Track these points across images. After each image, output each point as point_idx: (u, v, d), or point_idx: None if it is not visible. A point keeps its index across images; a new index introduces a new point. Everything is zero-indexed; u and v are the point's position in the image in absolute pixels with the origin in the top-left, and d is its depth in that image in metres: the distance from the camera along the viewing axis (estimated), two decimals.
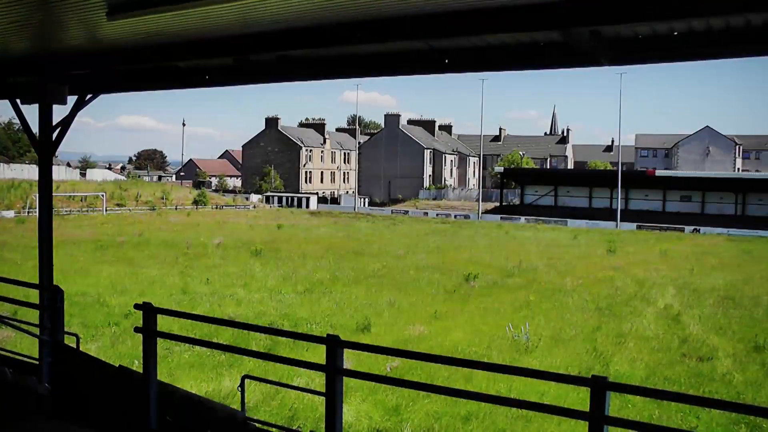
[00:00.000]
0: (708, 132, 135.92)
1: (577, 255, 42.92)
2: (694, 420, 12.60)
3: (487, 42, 7.86)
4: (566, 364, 16.03)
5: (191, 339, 13.56)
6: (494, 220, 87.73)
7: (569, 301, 24.36)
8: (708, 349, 18.30)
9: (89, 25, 7.57)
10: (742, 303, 25.98)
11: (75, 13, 7.09)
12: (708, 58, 7.61)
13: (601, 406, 6.09)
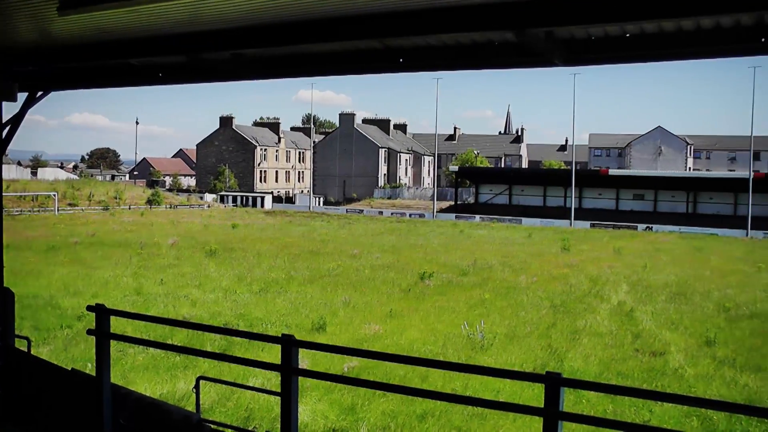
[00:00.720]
0: (660, 132, 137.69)
1: (531, 253, 43.22)
2: (647, 414, 12.76)
3: (442, 41, 7.88)
4: (521, 361, 16.13)
5: (145, 341, 13.44)
6: (449, 219, 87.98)
7: (524, 299, 24.51)
8: (660, 344, 18.54)
9: (40, 20, 7.45)
10: (694, 299, 26.38)
11: (25, 8, 6.98)
12: (659, 60, 7.72)
13: (555, 402, 6.14)
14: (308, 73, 9.87)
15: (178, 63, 9.47)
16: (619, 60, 7.77)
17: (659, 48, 7.25)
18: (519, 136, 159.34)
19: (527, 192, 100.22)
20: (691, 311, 23.67)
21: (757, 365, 16.94)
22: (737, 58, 8.43)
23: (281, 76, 9.94)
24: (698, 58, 7.56)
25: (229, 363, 13.61)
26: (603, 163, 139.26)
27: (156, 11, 6.98)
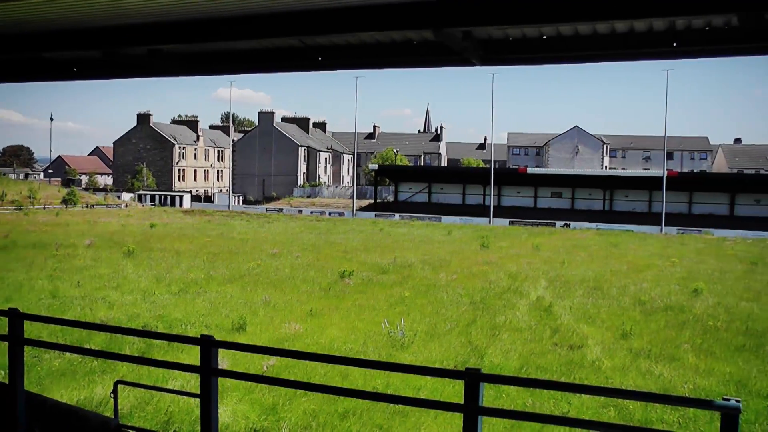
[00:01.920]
0: (577, 131, 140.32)
1: (451, 250, 43.51)
2: (566, 406, 12.93)
3: (361, 40, 7.89)
4: (442, 358, 16.21)
5: (61, 345, 13.11)
6: (369, 217, 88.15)
7: (444, 296, 24.65)
8: (578, 338, 18.84)
9: None
10: (610, 293, 26.90)
11: None
12: (575, 62, 7.85)
13: (475, 397, 6.19)
14: (227, 70, 9.80)
15: (93, 58, 9.28)
16: (536, 61, 7.89)
17: (575, 50, 7.38)
18: (438, 134, 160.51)
19: (447, 190, 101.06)
20: (608, 305, 24.13)
21: (671, 355, 17.38)
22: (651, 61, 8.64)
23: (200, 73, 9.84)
24: (613, 61, 7.73)
25: (148, 366, 13.43)
26: (521, 162, 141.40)
27: (70, 3, 6.83)
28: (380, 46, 7.98)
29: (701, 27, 6.94)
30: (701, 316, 22.66)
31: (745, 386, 15.08)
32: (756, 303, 25.95)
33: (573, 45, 7.35)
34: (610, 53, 7.43)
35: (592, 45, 7.31)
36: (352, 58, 8.26)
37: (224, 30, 7.34)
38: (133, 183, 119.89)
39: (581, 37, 7.32)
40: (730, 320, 22.14)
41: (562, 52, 7.47)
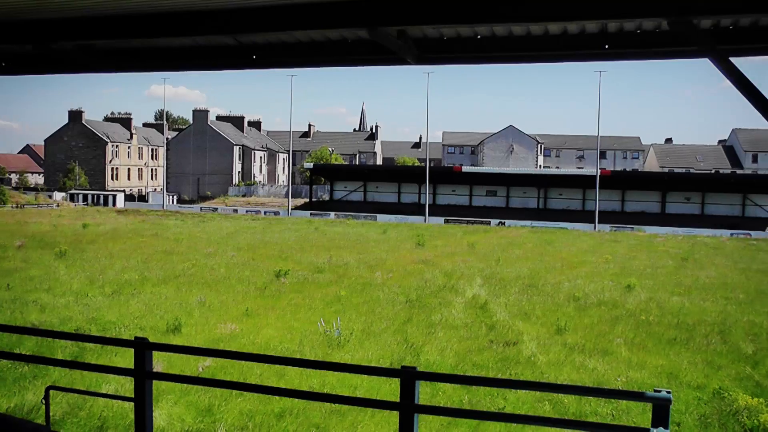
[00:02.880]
0: (512, 131, 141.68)
1: (386, 249, 43.59)
2: (502, 401, 13.05)
3: (295, 38, 7.86)
4: (378, 356, 16.23)
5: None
6: (304, 216, 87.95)
7: (380, 295, 24.68)
8: (514, 335, 19.03)
9: None
10: (545, 290, 27.24)
11: None
12: (509, 62, 7.92)
13: (411, 395, 6.21)
14: (161, 67, 9.64)
15: (23, 52, 9.09)
16: (471, 60, 7.93)
17: (509, 50, 7.45)
18: (373, 133, 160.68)
19: (382, 189, 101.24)
20: (543, 302, 24.42)
21: (604, 349, 17.68)
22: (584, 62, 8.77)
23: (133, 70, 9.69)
24: (546, 62, 7.82)
25: (81, 370, 13.19)
26: (456, 161, 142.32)
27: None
28: (315, 45, 7.96)
29: (632, 30, 7.06)
30: (634, 310, 23.10)
31: (676, 378, 15.45)
32: (686, 297, 26.56)
33: (507, 45, 7.42)
34: (544, 54, 7.52)
35: (526, 46, 7.38)
36: (287, 57, 8.22)
37: (157, 26, 7.25)
38: (65, 182, 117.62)
39: (515, 37, 7.39)
40: (661, 314, 22.61)
41: (496, 52, 7.53)
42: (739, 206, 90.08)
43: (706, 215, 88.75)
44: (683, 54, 7.37)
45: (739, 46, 6.94)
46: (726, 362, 17.10)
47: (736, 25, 6.84)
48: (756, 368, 16.66)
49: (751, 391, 14.31)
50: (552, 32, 7.21)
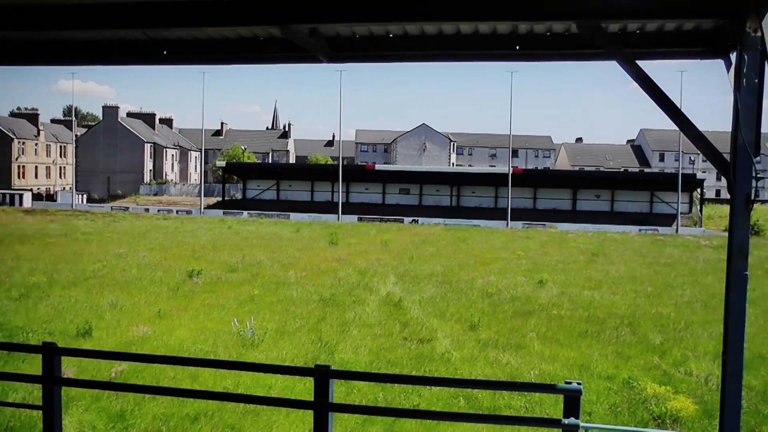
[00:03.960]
0: (424, 129, 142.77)
1: (300, 248, 43.45)
2: (416, 398, 13.11)
3: (207, 35, 7.77)
4: (292, 355, 16.17)
5: None
6: (217, 215, 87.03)
7: (294, 294, 24.58)
8: (428, 332, 19.16)
9: None
10: (459, 286, 27.51)
11: None
12: (421, 61, 7.97)
13: (325, 394, 6.22)
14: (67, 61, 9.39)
15: None
16: (383, 59, 7.94)
17: (422, 49, 7.48)
18: (286, 131, 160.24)
19: (295, 187, 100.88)
20: (457, 298, 24.65)
21: (517, 344, 17.96)
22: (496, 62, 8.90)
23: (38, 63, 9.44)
24: (458, 61, 7.87)
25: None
26: (369, 159, 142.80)
27: None
28: (227, 42, 7.88)
29: (543, 32, 7.17)
30: (546, 305, 23.52)
31: (587, 369, 15.82)
32: (597, 291, 27.17)
33: (419, 44, 7.45)
34: (456, 53, 7.57)
35: (438, 45, 7.43)
36: (198, 53, 8.11)
37: (64, 18, 7.06)
38: None
39: (427, 36, 7.42)
40: (573, 308, 23.08)
41: (408, 50, 7.56)
42: (647, 203, 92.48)
43: (616, 212, 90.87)
44: (592, 56, 7.52)
45: (645, 50, 7.11)
46: (635, 353, 17.58)
47: (642, 30, 7.00)
48: (663, 358, 17.21)
49: (659, 380, 14.83)
50: (464, 32, 7.27)
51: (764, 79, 5.76)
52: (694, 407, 12.82)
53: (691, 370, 16.12)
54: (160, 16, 6.81)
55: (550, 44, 7.23)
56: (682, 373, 15.98)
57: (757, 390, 14.65)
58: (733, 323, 6.20)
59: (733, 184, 6.06)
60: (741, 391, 6.33)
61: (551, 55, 7.46)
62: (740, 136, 5.91)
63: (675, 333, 20.07)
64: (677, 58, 7.75)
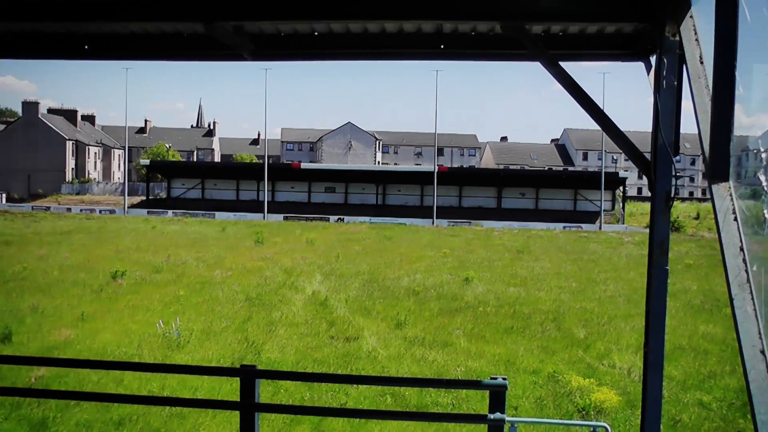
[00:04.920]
0: (350, 127, 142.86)
1: (225, 247, 43.13)
2: (343, 397, 13.12)
3: (130, 30, 7.64)
4: (219, 356, 16.05)
5: None
6: (141, 215, 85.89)
7: (219, 294, 24.40)
8: (354, 330, 19.21)
9: None
10: (385, 285, 27.61)
11: None
12: (347, 59, 7.95)
13: (251, 394, 6.18)
14: None
15: None
16: (308, 57, 7.90)
17: (347, 47, 7.47)
18: (211, 129, 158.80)
19: (220, 186, 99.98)
20: (383, 297, 24.75)
21: (443, 341, 18.11)
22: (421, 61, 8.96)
23: None
24: (383, 59, 7.88)
25: None
26: (295, 157, 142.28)
27: None
28: (150, 38, 7.75)
29: (467, 32, 7.21)
30: (472, 302, 23.75)
31: (513, 364, 16.04)
32: (522, 288, 27.54)
33: (344, 42, 7.44)
34: (381, 52, 7.58)
35: (364, 43, 7.42)
36: (120, 49, 7.96)
37: None
38: None
39: (353, 35, 7.42)
40: (499, 305, 23.36)
41: (333, 49, 7.54)
42: (571, 201, 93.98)
43: (540, 210, 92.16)
44: (516, 57, 7.60)
45: (568, 52, 7.21)
46: (560, 347, 17.90)
47: (565, 32, 7.10)
48: (587, 351, 17.56)
49: (583, 373, 15.13)
50: (389, 30, 7.28)
51: (683, 82, 5.90)
52: (617, 398, 13.13)
53: (614, 362, 16.50)
54: (81, 9, 6.67)
55: (475, 44, 7.27)
56: (605, 365, 16.34)
57: (678, 380, 15.14)
58: (654, 316, 6.33)
59: (654, 183, 6.19)
60: (662, 382, 6.48)
61: (476, 54, 7.51)
62: (660, 136, 6.04)
63: (598, 327, 20.48)
64: (599, 60, 7.89)
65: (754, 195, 4.18)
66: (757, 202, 4.06)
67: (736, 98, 4.55)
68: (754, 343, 3.80)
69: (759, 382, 3.60)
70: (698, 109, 5.09)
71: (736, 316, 3.94)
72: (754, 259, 4.14)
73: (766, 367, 3.65)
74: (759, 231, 4.08)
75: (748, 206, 4.39)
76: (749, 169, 4.36)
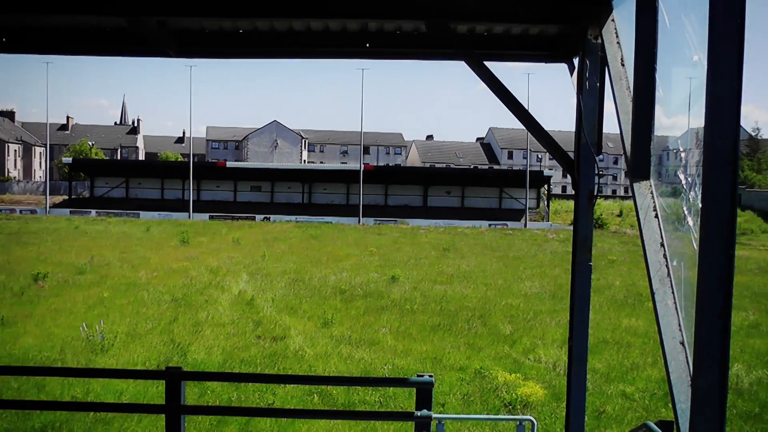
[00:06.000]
0: (276, 126, 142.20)
1: (150, 247, 42.56)
2: (271, 397, 13.06)
3: (52, 23, 7.49)
4: (144, 359, 15.83)
5: None
6: (64, 215, 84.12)
7: (144, 295, 24.07)
8: (281, 329, 19.16)
9: None
10: (311, 283, 27.58)
11: None
12: (273, 57, 7.91)
13: (177, 396, 6.13)
14: None
15: None
16: (233, 54, 7.85)
17: (272, 45, 7.43)
18: (135, 127, 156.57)
19: (145, 185, 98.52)
20: (310, 295, 24.73)
21: (370, 339, 18.19)
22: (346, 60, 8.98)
23: None
24: (308, 58, 7.88)
25: None
26: (221, 156, 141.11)
27: None
28: (72, 32, 7.61)
29: (393, 31, 7.24)
30: (399, 300, 23.86)
31: (440, 362, 16.18)
32: (449, 285, 27.78)
33: (270, 41, 7.41)
34: (307, 50, 7.57)
35: (289, 42, 7.40)
36: (41, 43, 7.79)
37: None
38: None
39: (278, 33, 7.38)
40: (425, 303, 23.52)
41: (258, 47, 7.51)
42: (497, 199, 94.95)
43: (466, 208, 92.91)
44: (441, 56, 7.66)
45: (492, 52, 7.30)
46: (486, 343, 18.11)
47: (490, 32, 7.17)
48: (513, 347, 17.83)
49: (510, 368, 15.36)
50: (314, 29, 7.28)
51: (605, 84, 6.02)
52: (543, 392, 13.36)
53: (540, 357, 16.78)
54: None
55: (400, 43, 7.31)
56: (531, 360, 16.61)
57: (602, 372, 15.47)
58: (578, 311, 6.46)
59: (577, 181, 6.32)
60: (586, 374, 6.63)
61: (401, 53, 7.56)
62: (583, 136, 6.16)
63: (524, 323, 20.78)
64: (523, 61, 8.01)
65: (675, 193, 4.29)
66: (677, 200, 4.17)
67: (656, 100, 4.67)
68: (675, 335, 3.91)
69: (679, 373, 3.71)
70: (620, 109, 5.20)
71: (657, 309, 4.05)
72: (674, 255, 4.25)
73: (686, 358, 3.75)
74: (679, 227, 4.19)
75: (668, 204, 4.51)
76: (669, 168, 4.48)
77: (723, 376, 3.16)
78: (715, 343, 3.15)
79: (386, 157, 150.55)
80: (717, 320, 3.13)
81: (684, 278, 4.03)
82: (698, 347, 3.20)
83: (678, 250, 4.21)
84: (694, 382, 3.28)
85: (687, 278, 3.95)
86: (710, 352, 3.16)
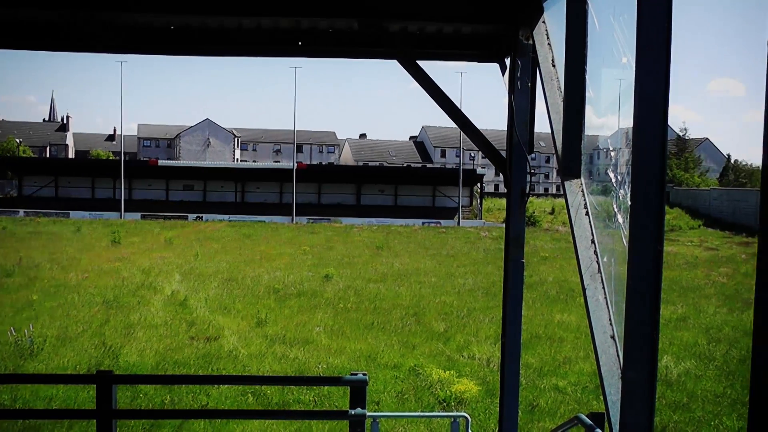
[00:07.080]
0: (208, 124, 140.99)
1: (81, 248, 41.86)
2: (204, 398, 13.01)
3: None
4: (75, 362, 15.58)
5: None
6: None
7: (75, 297, 23.67)
8: (215, 330, 19.06)
9: None
10: (245, 283, 27.47)
11: None
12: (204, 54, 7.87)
13: (108, 400, 6.06)
14: None
15: None
16: (164, 51, 7.78)
17: (204, 43, 7.38)
18: (65, 124, 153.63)
19: (75, 183, 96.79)
20: (243, 295, 24.62)
21: (305, 339, 18.19)
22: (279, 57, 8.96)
23: None
24: (240, 55, 7.85)
25: None
26: (153, 154, 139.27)
27: None
28: None
29: (325, 28, 7.24)
30: (332, 299, 23.88)
31: (374, 360, 16.26)
32: (383, 284, 27.85)
33: (201, 37, 7.34)
34: (238, 47, 7.53)
35: (221, 39, 7.35)
36: None
37: None
38: None
39: (210, 30, 7.33)
40: (359, 301, 23.58)
41: (190, 44, 7.44)
42: (430, 197, 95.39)
43: (399, 206, 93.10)
44: (374, 55, 7.69)
45: (424, 51, 7.33)
46: (420, 341, 18.23)
47: (422, 32, 7.21)
48: (447, 344, 17.97)
49: (444, 365, 15.49)
50: (246, 26, 7.24)
51: (536, 84, 6.11)
52: (477, 388, 13.54)
53: (473, 354, 16.96)
54: None
55: (333, 41, 7.30)
56: (465, 357, 16.77)
57: (534, 367, 15.73)
58: (511, 307, 6.55)
59: (510, 179, 6.40)
60: (519, 370, 6.73)
61: (334, 51, 7.55)
62: (515, 135, 6.24)
63: (458, 320, 20.95)
64: (455, 60, 8.09)
65: (605, 191, 4.37)
66: (607, 198, 4.25)
67: (587, 100, 4.76)
68: (605, 329, 3.99)
69: (609, 366, 3.79)
70: (551, 109, 5.29)
71: (588, 304, 4.13)
72: (604, 251, 4.34)
73: (616, 352, 3.84)
74: (609, 224, 4.27)
75: (599, 201, 4.60)
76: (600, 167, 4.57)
77: (652, 369, 3.24)
78: (644, 337, 3.22)
79: (319, 156, 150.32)
80: (646, 314, 3.20)
81: (614, 274, 4.12)
82: (628, 341, 3.27)
83: (608, 246, 4.30)
84: (624, 375, 3.35)
85: (617, 274, 4.03)
86: (639, 346, 3.23)
